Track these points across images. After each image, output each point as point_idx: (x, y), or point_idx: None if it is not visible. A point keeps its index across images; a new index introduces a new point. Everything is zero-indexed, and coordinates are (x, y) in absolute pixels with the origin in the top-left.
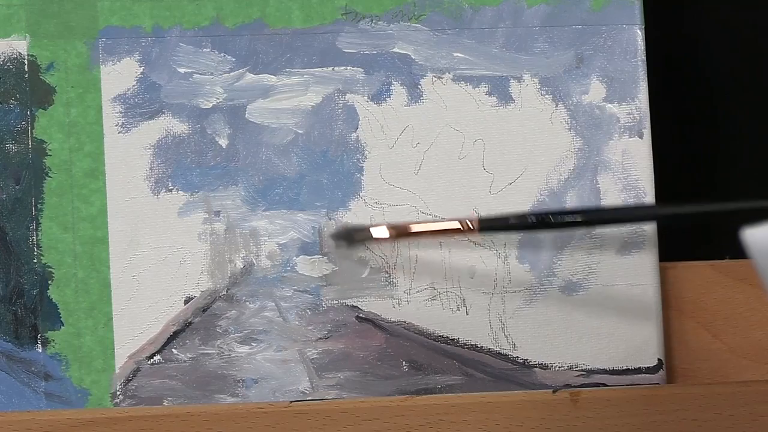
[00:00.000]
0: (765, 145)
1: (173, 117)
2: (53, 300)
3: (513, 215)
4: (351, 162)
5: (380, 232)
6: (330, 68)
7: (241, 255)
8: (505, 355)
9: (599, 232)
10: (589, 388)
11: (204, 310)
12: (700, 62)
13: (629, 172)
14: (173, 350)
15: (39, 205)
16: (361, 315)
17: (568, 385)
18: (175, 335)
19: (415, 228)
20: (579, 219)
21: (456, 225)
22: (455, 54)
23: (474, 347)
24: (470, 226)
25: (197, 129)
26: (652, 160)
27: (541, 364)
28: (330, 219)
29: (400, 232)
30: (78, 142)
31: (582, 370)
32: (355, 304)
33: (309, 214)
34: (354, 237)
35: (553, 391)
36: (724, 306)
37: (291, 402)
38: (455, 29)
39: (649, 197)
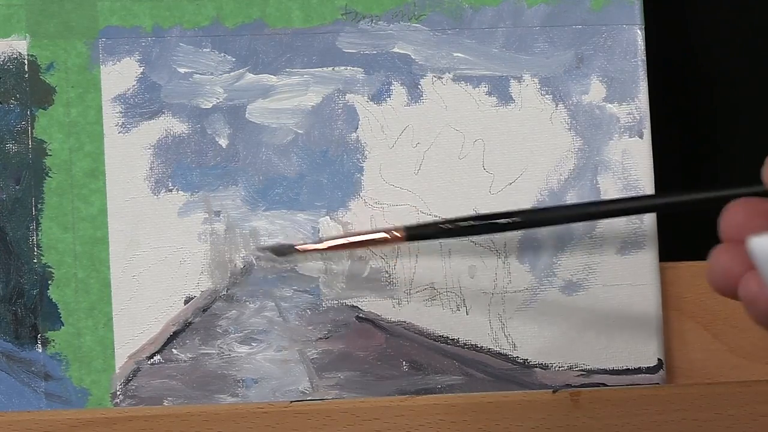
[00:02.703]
0: (765, 144)
1: (173, 117)
2: (53, 300)
3: (440, 222)
4: (351, 162)
5: (306, 248)
6: (330, 68)
7: (241, 255)
8: (505, 355)
9: (599, 232)
10: (589, 388)
11: (204, 310)
12: (700, 62)
13: (629, 172)
14: (173, 350)
15: (39, 205)
16: (361, 315)
17: (568, 385)
18: (175, 335)
19: (340, 241)
20: (509, 222)
21: (382, 236)
22: (455, 54)
23: (474, 347)
24: (397, 235)
25: (197, 129)
26: (652, 160)
27: (541, 364)
28: (331, 219)
29: (329, 246)
30: (78, 142)
31: (582, 370)
32: (355, 304)
33: (309, 214)
34: (282, 252)
35: (553, 391)
36: (724, 306)
37: (291, 402)
38: (455, 29)
39: None
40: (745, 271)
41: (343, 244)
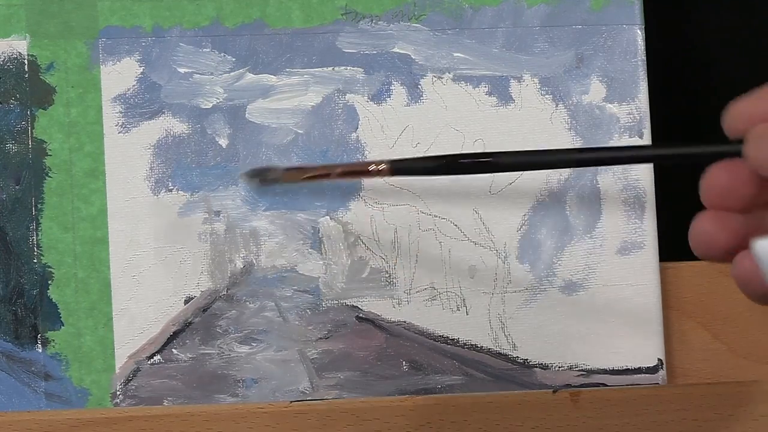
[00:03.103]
0: None
1: (173, 117)
2: (53, 300)
3: (424, 157)
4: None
5: (291, 173)
6: (330, 68)
7: (241, 255)
8: (505, 355)
9: (599, 232)
10: (589, 388)
11: (204, 310)
12: (700, 62)
13: (629, 172)
14: (173, 350)
15: (39, 205)
16: (361, 315)
17: (568, 385)
18: (175, 335)
19: (324, 170)
20: (491, 161)
21: (367, 167)
22: (455, 54)
23: (474, 347)
24: (379, 168)
25: (197, 129)
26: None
27: (541, 364)
28: (331, 219)
29: (311, 174)
30: (78, 142)
31: (582, 370)
32: (355, 304)
33: (309, 214)
34: (266, 176)
35: (553, 391)
36: (724, 306)
37: (291, 402)
38: (455, 29)
39: (649, 197)
40: (730, 238)
41: (327, 174)
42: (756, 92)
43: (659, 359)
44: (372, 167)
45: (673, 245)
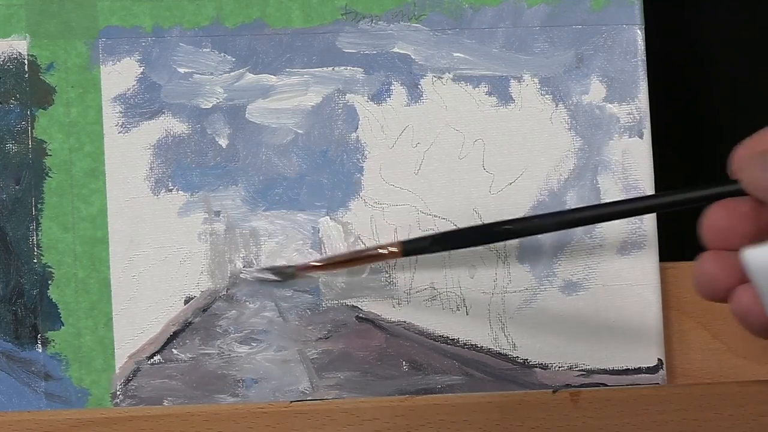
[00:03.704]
0: None
1: (173, 117)
2: (53, 300)
3: (433, 236)
4: (351, 162)
5: (304, 267)
6: (330, 68)
7: (241, 255)
8: (505, 355)
9: (599, 232)
10: (589, 388)
11: (204, 310)
12: (700, 62)
13: (629, 172)
14: (173, 350)
15: (39, 205)
16: (361, 315)
17: (568, 385)
18: (175, 335)
19: (340, 258)
20: (504, 230)
21: (379, 252)
22: (455, 54)
23: (474, 347)
24: (393, 250)
25: (197, 129)
26: (652, 160)
27: (541, 364)
28: (331, 219)
29: (328, 264)
30: (78, 142)
31: (582, 370)
32: (355, 304)
33: (309, 214)
34: (283, 273)
35: (553, 391)
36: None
37: (291, 402)
38: (455, 29)
39: None
40: (732, 278)
41: (341, 262)
42: (754, 135)
43: (659, 359)
44: (384, 250)
45: (673, 245)
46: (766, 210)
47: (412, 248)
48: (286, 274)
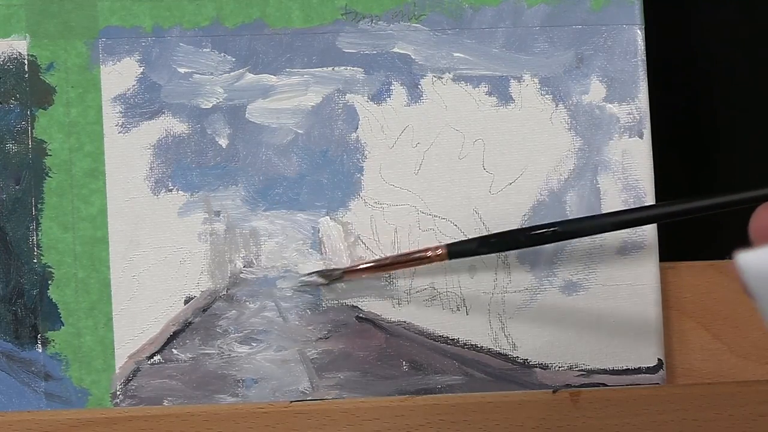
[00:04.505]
0: (765, 144)
1: (173, 117)
2: (53, 300)
3: (479, 238)
4: (351, 162)
5: (352, 269)
6: (330, 68)
7: (241, 255)
8: (505, 355)
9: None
10: (589, 388)
11: (204, 310)
12: (700, 62)
13: (629, 172)
14: (173, 350)
15: (39, 205)
16: (361, 315)
17: (568, 385)
18: (175, 335)
19: (387, 261)
20: (551, 232)
21: (426, 255)
22: (455, 54)
23: (474, 347)
24: (438, 253)
25: (197, 129)
26: (652, 160)
27: (541, 364)
28: (331, 219)
29: (375, 267)
30: (78, 142)
31: (582, 370)
32: (355, 304)
33: (309, 214)
34: (330, 276)
35: (553, 391)
36: (724, 306)
37: (291, 402)
38: (455, 29)
39: (649, 197)
40: None
41: (388, 264)
42: None
43: (659, 359)
44: (430, 253)
45: (673, 245)
46: None
47: (458, 251)
48: (333, 278)
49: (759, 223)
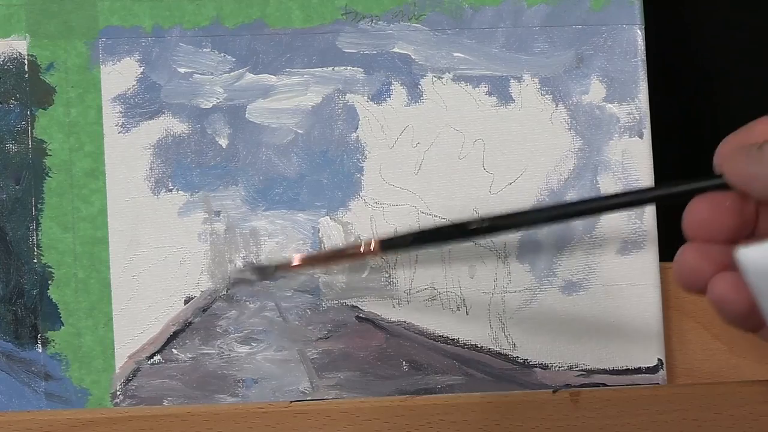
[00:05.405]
0: None
1: (173, 117)
2: (53, 300)
3: (411, 233)
4: (351, 162)
5: (284, 264)
6: (330, 68)
7: (241, 255)
8: (505, 355)
9: (599, 232)
10: (589, 388)
11: (204, 310)
12: (700, 62)
13: (629, 172)
14: (173, 350)
15: (39, 205)
16: (361, 315)
17: (568, 385)
18: (175, 335)
19: (320, 256)
20: (480, 227)
21: (356, 249)
22: (455, 54)
23: (474, 347)
24: (371, 248)
25: (197, 129)
26: (652, 160)
27: (541, 364)
28: (331, 218)
29: (307, 262)
30: (78, 142)
31: (582, 370)
32: (355, 304)
33: (309, 214)
34: (262, 272)
35: (553, 391)
36: None
37: (291, 402)
38: (455, 29)
39: None
40: (713, 269)
41: (318, 258)
42: (736, 131)
43: (659, 359)
44: (362, 248)
45: (673, 245)
46: (749, 204)
47: (392, 245)
48: (266, 273)
49: (692, 218)
